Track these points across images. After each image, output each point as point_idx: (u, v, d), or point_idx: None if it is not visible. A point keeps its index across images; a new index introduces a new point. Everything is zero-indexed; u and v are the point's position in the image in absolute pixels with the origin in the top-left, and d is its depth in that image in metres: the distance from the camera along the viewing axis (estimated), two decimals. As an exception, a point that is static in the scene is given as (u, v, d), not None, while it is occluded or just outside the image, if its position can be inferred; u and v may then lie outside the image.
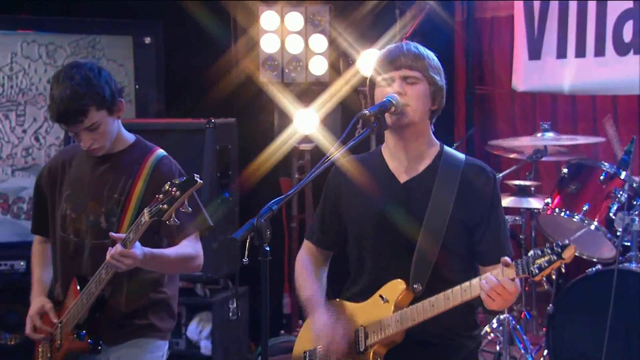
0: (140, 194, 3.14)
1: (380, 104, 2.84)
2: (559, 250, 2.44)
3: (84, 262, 3.19)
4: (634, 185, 4.50)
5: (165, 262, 3.09)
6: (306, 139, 5.59)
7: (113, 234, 2.98)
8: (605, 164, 4.60)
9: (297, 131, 5.51)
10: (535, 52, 5.48)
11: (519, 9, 5.59)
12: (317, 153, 5.41)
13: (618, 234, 4.41)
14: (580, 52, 5.23)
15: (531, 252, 2.50)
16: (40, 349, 3.35)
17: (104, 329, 3.17)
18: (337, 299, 2.97)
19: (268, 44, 5.75)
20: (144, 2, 5.80)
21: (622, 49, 5.01)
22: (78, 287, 3.17)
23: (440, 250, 2.76)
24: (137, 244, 2.94)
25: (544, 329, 4.78)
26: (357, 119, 2.84)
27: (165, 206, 2.81)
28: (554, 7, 5.37)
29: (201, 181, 2.80)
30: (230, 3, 5.94)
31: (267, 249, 2.58)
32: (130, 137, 3.26)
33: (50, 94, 3.08)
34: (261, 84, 5.80)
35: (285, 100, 5.69)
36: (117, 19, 5.81)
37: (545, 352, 4.59)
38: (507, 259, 2.54)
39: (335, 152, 2.78)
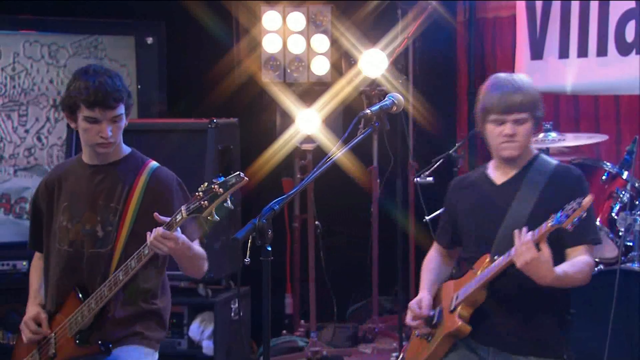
0: (137, 202, 3.22)
1: (381, 104, 2.88)
2: (580, 200, 3.01)
3: (80, 272, 3.24)
4: (637, 185, 4.50)
5: (192, 255, 3.18)
6: (308, 139, 5.59)
7: (158, 215, 3.04)
8: (608, 163, 4.60)
9: (299, 131, 5.51)
10: (537, 52, 5.47)
11: (521, 9, 5.58)
12: (319, 153, 5.41)
13: (620, 234, 4.40)
14: (583, 52, 5.22)
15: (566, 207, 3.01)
16: (28, 357, 3.37)
17: (100, 334, 3.21)
18: (450, 281, 3.49)
19: (270, 44, 5.75)
20: (146, 3, 5.80)
21: (624, 49, 5.00)
22: (80, 296, 3.21)
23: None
24: (179, 232, 3.06)
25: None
26: (358, 118, 2.86)
27: (205, 202, 2.91)
28: (556, 7, 5.36)
29: (246, 178, 2.90)
30: (233, 3, 5.95)
31: (269, 249, 2.59)
32: (126, 149, 3.35)
33: (76, 85, 3.19)
34: (263, 84, 5.81)
35: (287, 100, 5.70)
36: (119, 19, 5.82)
37: None
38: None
39: (337, 152, 2.78)
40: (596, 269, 4.39)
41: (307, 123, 5.48)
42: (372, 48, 5.56)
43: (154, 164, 3.33)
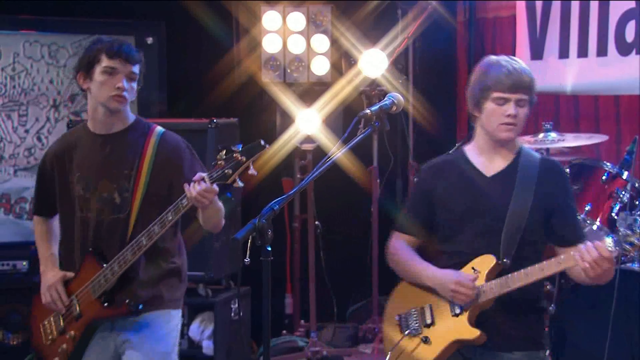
0: (149, 166, 3.33)
1: (381, 104, 2.89)
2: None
3: (101, 237, 3.35)
4: (637, 185, 4.50)
5: (218, 209, 3.30)
6: (308, 139, 5.59)
7: (201, 173, 3.08)
8: (608, 164, 4.60)
9: (299, 131, 5.51)
10: (537, 52, 5.47)
11: (521, 9, 5.58)
12: (319, 153, 5.41)
13: (620, 234, 4.40)
14: (583, 52, 5.22)
15: (622, 230, 2.97)
16: (45, 323, 3.47)
17: (126, 295, 3.32)
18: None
19: (270, 44, 5.75)
20: (146, 3, 5.80)
21: (624, 49, 5.00)
22: (98, 260, 3.31)
23: (523, 231, 3.18)
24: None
25: (546, 329, 4.78)
26: (358, 118, 2.86)
27: (229, 171, 2.99)
28: (556, 7, 5.36)
29: (268, 146, 3.00)
30: (233, 3, 5.95)
31: (269, 249, 2.59)
32: (131, 116, 3.45)
33: (97, 43, 3.35)
34: (263, 84, 5.81)
35: (287, 100, 5.70)
36: (119, 19, 5.82)
37: (547, 352, 4.58)
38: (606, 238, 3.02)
39: (337, 151, 2.78)
40: (596, 269, 4.39)
41: (307, 123, 5.48)
42: (372, 48, 5.56)
43: (159, 128, 3.44)
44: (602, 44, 5.08)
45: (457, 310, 3.21)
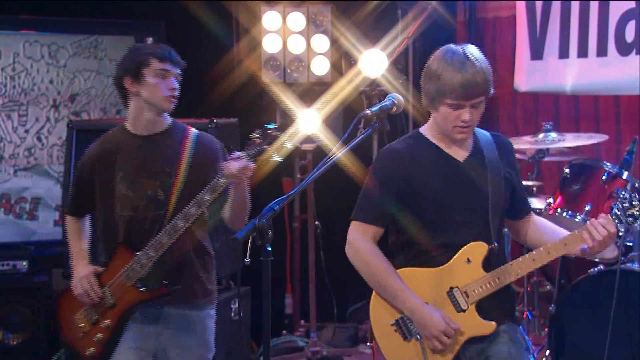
0: (187, 164, 3.49)
1: (381, 104, 2.88)
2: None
3: (143, 234, 3.45)
4: (637, 185, 4.50)
5: (247, 198, 3.43)
6: (308, 139, 5.58)
7: (238, 152, 3.28)
8: (608, 164, 4.60)
9: (299, 131, 5.51)
10: (537, 52, 5.48)
11: (521, 9, 5.59)
12: (319, 153, 5.41)
13: (620, 234, 4.39)
14: (583, 52, 5.22)
15: (620, 204, 2.98)
16: (77, 316, 3.56)
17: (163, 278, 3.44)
18: (405, 268, 3.16)
19: (270, 44, 5.75)
20: (146, 3, 5.80)
21: (624, 49, 5.00)
22: (130, 251, 3.43)
23: (501, 212, 3.16)
24: None
25: (546, 329, 4.78)
26: (359, 118, 2.86)
27: (266, 146, 3.22)
28: (556, 7, 5.37)
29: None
30: (233, 3, 5.95)
31: (269, 249, 2.59)
32: (168, 119, 3.61)
33: (139, 50, 3.52)
34: (263, 84, 5.81)
35: (287, 100, 5.69)
36: (119, 19, 5.82)
37: (547, 352, 4.58)
38: (603, 214, 3.05)
39: (337, 152, 2.78)
40: (596, 269, 4.39)
41: (307, 123, 5.47)
42: (372, 48, 5.56)
43: (194, 130, 3.62)
44: (602, 44, 5.08)
45: (464, 307, 3.09)
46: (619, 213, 3.04)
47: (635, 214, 3.03)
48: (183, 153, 3.51)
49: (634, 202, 3.04)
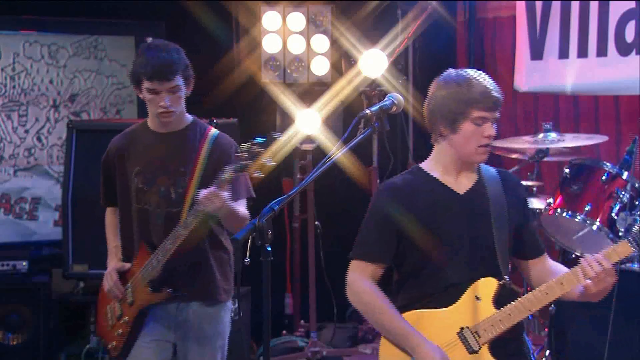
0: (202, 166, 3.54)
1: (381, 104, 2.87)
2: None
3: (158, 228, 3.54)
4: (637, 185, 4.49)
5: (236, 215, 3.47)
6: (308, 139, 5.59)
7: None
8: (608, 164, 4.59)
9: (299, 131, 5.51)
10: (537, 52, 5.47)
11: (521, 9, 5.58)
12: (319, 153, 5.41)
13: (620, 234, 4.40)
14: (583, 53, 5.22)
15: (636, 228, 2.91)
16: (107, 308, 3.68)
17: (181, 284, 3.54)
18: (412, 311, 3.04)
19: (270, 45, 5.75)
20: (146, 3, 5.80)
21: (624, 49, 5.00)
22: (148, 249, 3.52)
23: (508, 248, 3.04)
24: (227, 193, 3.33)
25: (546, 329, 4.78)
26: (358, 119, 2.86)
27: (247, 162, 3.22)
28: (556, 7, 5.36)
29: (280, 137, 3.25)
30: (232, 3, 5.95)
31: (269, 249, 2.59)
32: (188, 117, 3.67)
33: (138, 61, 3.53)
34: (263, 84, 5.81)
35: (287, 100, 5.70)
36: (119, 20, 5.83)
37: (547, 352, 4.58)
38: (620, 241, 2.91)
39: (337, 152, 2.79)
40: (596, 269, 4.39)
41: (307, 123, 5.48)
42: (372, 48, 5.56)
43: (214, 131, 3.66)
44: (602, 44, 5.08)
45: (476, 347, 2.96)
46: (636, 237, 2.93)
47: None
48: (200, 153, 3.56)
49: None
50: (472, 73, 3.03)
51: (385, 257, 3.07)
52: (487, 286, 2.97)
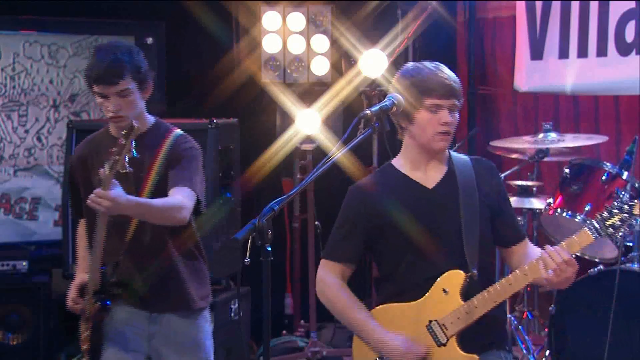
0: (158, 169, 3.37)
1: (381, 104, 2.88)
2: (628, 208, 2.84)
3: (125, 236, 3.40)
4: (637, 185, 4.50)
5: (149, 209, 3.26)
6: (308, 139, 5.59)
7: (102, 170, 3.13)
8: (608, 164, 4.60)
9: (299, 131, 5.51)
10: (537, 52, 5.48)
11: (521, 9, 5.59)
12: (319, 153, 5.41)
13: (620, 234, 4.39)
14: (583, 53, 5.22)
15: (599, 215, 2.83)
16: (82, 324, 3.55)
17: (151, 297, 3.40)
18: (381, 305, 3.12)
19: (270, 45, 5.75)
20: (146, 3, 5.80)
21: (624, 49, 5.00)
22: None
23: (479, 238, 3.01)
24: (119, 189, 3.14)
25: (546, 329, 4.78)
26: (358, 119, 2.86)
27: (117, 157, 3.07)
28: (556, 7, 5.37)
29: (138, 125, 3.08)
30: (232, 3, 5.95)
31: (269, 249, 2.59)
32: (150, 119, 3.49)
33: (88, 63, 3.39)
34: (263, 84, 5.81)
35: (287, 100, 5.69)
36: (119, 20, 5.82)
37: (547, 352, 4.58)
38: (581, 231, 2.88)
39: (337, 152, 2.79)
40: (596, 269, 4.40)
41: (307, 123, 5.48)
42: (372, 48, 5.56)
43: (177, 132, 3.47)
44: (602, 44, 5.08)
45: (443, 340, 2.98)
46: (597, 226, 2.87)
47: (615, 224, 2.86)
48: (157, 156, 3.38)
49: (613, 212, 2.87)
50: (428, 64, 3.05)
51: (351, 257, 3.14)
52: (454, 279, 2.98)
